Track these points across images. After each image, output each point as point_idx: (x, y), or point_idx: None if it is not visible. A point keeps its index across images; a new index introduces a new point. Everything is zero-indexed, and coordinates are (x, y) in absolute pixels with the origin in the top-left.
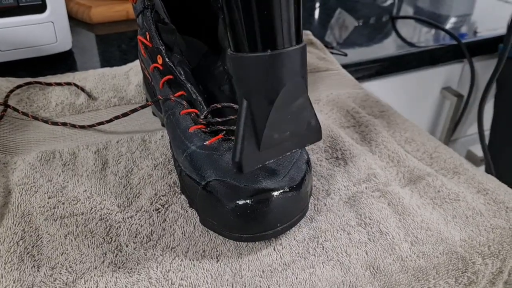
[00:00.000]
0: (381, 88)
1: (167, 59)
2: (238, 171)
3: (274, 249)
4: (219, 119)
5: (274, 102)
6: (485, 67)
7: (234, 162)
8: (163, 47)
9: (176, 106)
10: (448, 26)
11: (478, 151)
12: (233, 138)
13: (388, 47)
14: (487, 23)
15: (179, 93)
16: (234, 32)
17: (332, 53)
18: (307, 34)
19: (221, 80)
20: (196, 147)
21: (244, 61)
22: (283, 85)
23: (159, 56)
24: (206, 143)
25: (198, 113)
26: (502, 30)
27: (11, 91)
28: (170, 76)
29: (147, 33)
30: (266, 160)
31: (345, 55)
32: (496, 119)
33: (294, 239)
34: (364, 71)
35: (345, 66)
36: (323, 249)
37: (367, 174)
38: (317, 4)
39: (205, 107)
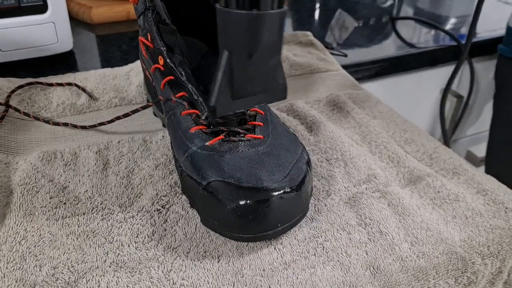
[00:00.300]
0: (381, 89)
1: (168, 60)
2: (211, 114)
3: (275, 248)
4: (220, 120)
5: (252, 56)
6: (485, 68)
7: (209, 106)
8: (164, 48)
9: (177, 107)
10: (447, 27)
11: (478, 152)
12: (234, 139)
13: (388, 48)
14: (487, 24)
15: (180, 93)
16: None
17: (332, 54)
18: (307, 35)
19: None
20: (197, 147)
21: (231, 16)
22: (261, 42)
23: (160, 56)
24: (207, 143)
25: (199, 113)
26: (501, 31)
27: (13, 91)
28: (171, 77)
29: (148, 34)
30: (237, 109)
31: (345, 55)
32: (495, 120)
33: (295, 239)
34: (364, 72)
35: (345, 67)
36: (323, 249)
37: (367, 175)
38: (317, 5)
39: (206, 107)
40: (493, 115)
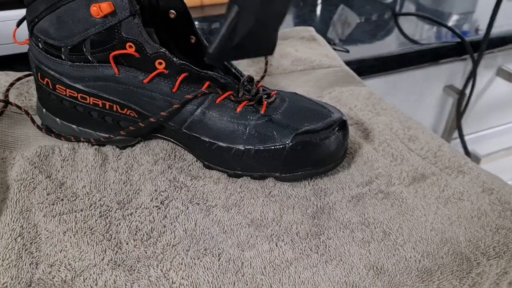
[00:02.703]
0: (383, 85)
1: (175, 59)
2: (209, 61)
3: (276, 245)
4: (257, 89)
5: (259, 20)
6: (488, 65)
7: (209, 53)
8: (164, 49)
9: (205, 99)
10: (449, 23)
11: (480, 150)
12: (274, 100)
13: (390, 44)
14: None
15: (206, 85)
16: None
17: (334, 49)
18: (310, 31)
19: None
20: (255, 119)
21: None
22: (272, 10)
23: (159, 60)
24: (261, 112)
25: (236, 92)
26: (507, 27)
27: (11, 84)
28: (185, 74)
29: (128, 44)
30: (230, 59)
31: (347, 51)
32: None
33: (297, 235)
34: (367, 68)
35: (347, 63)
36: (326, 247)
37: (369, 176)
38: (319, 1)
39: (236, 83)
40: None
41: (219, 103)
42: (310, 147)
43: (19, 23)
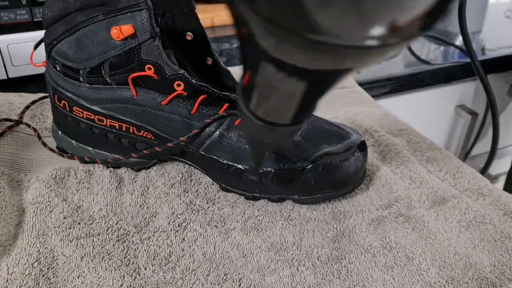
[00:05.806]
0: (395, 106)
1: (194, 80)
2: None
3: (298, 270)
4: None
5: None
6: (500, 85)
7: (254, 172)
8: (182, 71)
9: (224, 121)
10: (457, 43)
11: (491, 170)
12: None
13: (401, 64)
14: (501, 40)
15: (224, 107)
16: (279, 113)
17: None
18: None
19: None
20: None
21: (281, 130)
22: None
23: (178, 82)
24: None
25: None
26: None
27: (27, 107)
28: (203, 96)
29: (147, 66)
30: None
31: (358, 72)
32: None
33: (318, 260)
34: (378, 88)
35: (359, 83)
36: (348, 272)
37: (388, 199)
38: None
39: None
40: None
41: (238, 124)
42: (330, 169)
43: (37, 46)
